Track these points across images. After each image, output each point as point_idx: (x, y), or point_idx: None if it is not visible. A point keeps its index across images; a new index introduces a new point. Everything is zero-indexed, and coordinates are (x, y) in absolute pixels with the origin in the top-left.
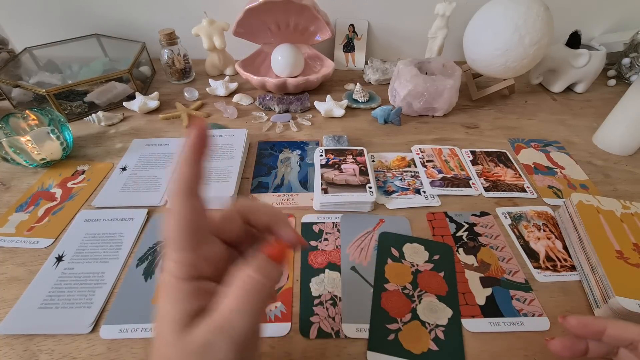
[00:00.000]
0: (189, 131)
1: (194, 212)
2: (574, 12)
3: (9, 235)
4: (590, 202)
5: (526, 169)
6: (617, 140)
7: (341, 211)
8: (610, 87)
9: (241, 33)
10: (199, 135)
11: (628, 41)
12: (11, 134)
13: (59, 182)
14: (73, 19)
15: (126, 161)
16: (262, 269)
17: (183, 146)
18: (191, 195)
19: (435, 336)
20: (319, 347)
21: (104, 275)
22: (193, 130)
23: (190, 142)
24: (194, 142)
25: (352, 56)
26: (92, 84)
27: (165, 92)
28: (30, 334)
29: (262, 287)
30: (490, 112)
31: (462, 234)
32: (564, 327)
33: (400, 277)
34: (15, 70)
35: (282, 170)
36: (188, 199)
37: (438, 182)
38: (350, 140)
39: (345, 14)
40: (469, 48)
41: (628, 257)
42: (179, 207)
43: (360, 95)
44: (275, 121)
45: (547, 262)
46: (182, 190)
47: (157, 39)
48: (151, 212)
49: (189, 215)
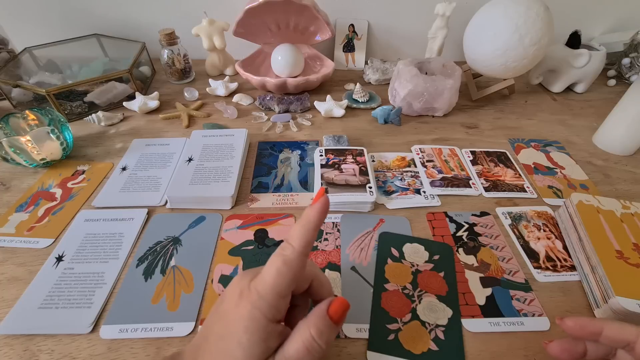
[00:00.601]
0: (319, 198)
1: (302, 270)
2: (574, 12)
3: (9, 235)
4: (590, 202)
5: (526, 169)
6: (617, 140)
7: (341, 211)
8: (610, 87)
9: (241, 33)
10: (325, 204)
11: (628, 41)
12: (11, 134)
13: (59, 182)
14: (73, 19)
15: (126, 161)
16: (322, 333)
17: (311, 208)
18: (306, 256)
19: (435, 336)
20: None
21: (104, 275)
22: (322, 199)
23: (319, 208)
24: (322, 210)
25: (352, 56)
26: (92, 84)
27: (165, 92)
28: (30, 334)
29: (318, 349)
30: (490, 112)
31: (462, 234)
32: (561, 328)
33: (400, 277)
34: (15, 70)
35: (282, 170)
36: (304, 258)
37: (438, 182)
38: (350, 140)
39: (345, 14)
40: (469, 48)
41: (628, 257)
42: (296, 263)
43: (360, 95)
44: (275, 121)
45: (547, 262)
46: (303, 250)
47: (157, 39)
48: (151, 212)
49: (299, 273)
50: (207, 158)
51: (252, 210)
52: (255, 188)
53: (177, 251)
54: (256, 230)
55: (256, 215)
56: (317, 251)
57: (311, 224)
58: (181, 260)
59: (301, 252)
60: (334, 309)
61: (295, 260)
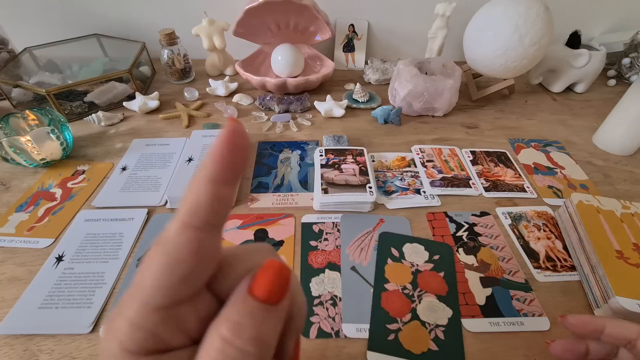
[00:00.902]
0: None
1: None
2: (574, 12)
3: (9, 235)
4: (590, 202)
5: (526, 169)
6: (617, 140)
7: (341, 211)
8: (610, 87)
9: (241, 33)
10: (233, 132)
11: (628, 41)
12: (11, 134)
13: (59, 182)
14: (73, 19)
15: (126, 161)
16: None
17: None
18: (199, 229)
19: (435, 336)
20: (319, 347)
21: (104, 275)
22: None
23: (221, 142)
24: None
25: (352, 56)
26: (92, 84)
27: (165, 92)
28: (30, 334)
29: (246, 357)
30: (490, 112)
31: (462, 234)
32: (563, 325)
33: (400, 277)
34: (15, 70)
35: (282, 170)
36: (191, 233)
37: (438, 182)
38: (350, 140)
39: (345, 14)
40: (469, 48)
41: (628, 257)
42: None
43: (360, 95)
44: (275, 121)
45: (547, 262)
46: (188, 219)
47: (157, 39)
48: (151, 212)
49: (182, 258)
50: None
51: (252, 210)
52: (255, 188)
53: None
54: (256, 230)
55: (256, 215)
56: (317, 251)
57: (206, 172)
58: None
59: (184, 222)
60: (260, 280)
61: (171, 239)
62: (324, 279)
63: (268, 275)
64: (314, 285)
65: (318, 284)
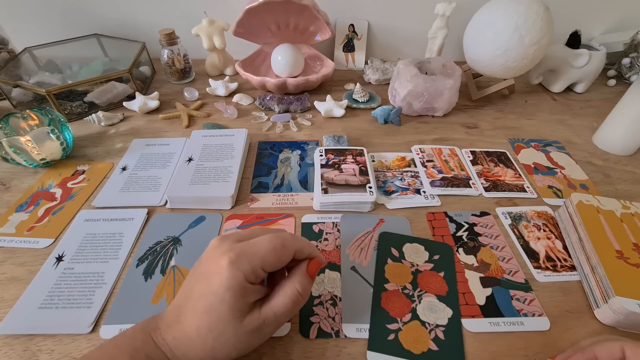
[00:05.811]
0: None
1: (289, 258)
2: (574, 12)
3: (9, 235)
4: (590, 202)
5: (526, 169)
6: (617, 140)
7: (341, 211)
8: (610, 87)
9: (241, 33)
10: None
11: (628, 41)
12: (11, 134)
13: (59, 182)
14: (73, 19)
15: (126, 161)
16: (305, 288)
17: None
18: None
19: (435, 336)
20: (319, 347)
21: (104, 275)
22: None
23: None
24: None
25: (352, 56)
26: (92, 84)
27: (165, 92)
28: (30, 334)
29: (301, 301)
30: (490, 112)
31: (462, 234)
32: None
33: (400, 277)
34: (15, 70)
35: (282, 170)
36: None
37: (438, 182)
38: (350, 140)
39: (345, 14)
40: (469, 48)
41: (628, 257)
42: (288, 254)
43: (360, 95)
44: (275, 121)
45: (547, 262)
46: (298, 249)
47: (157, 39)
48: (151, 212)
49: (287, 260)
50: (207, 158)
51: (252, 210)
52: (255, 188)
53: (177, 251)
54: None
55: (256, 215)
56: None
57: (308, 249)
58: (181, 260)
59: (296, 249)
60: (312, 268)
61: (288, 254)
62: (324, 279)
63: (314, 267)
64: (314, 285)
65: (318, 284)
